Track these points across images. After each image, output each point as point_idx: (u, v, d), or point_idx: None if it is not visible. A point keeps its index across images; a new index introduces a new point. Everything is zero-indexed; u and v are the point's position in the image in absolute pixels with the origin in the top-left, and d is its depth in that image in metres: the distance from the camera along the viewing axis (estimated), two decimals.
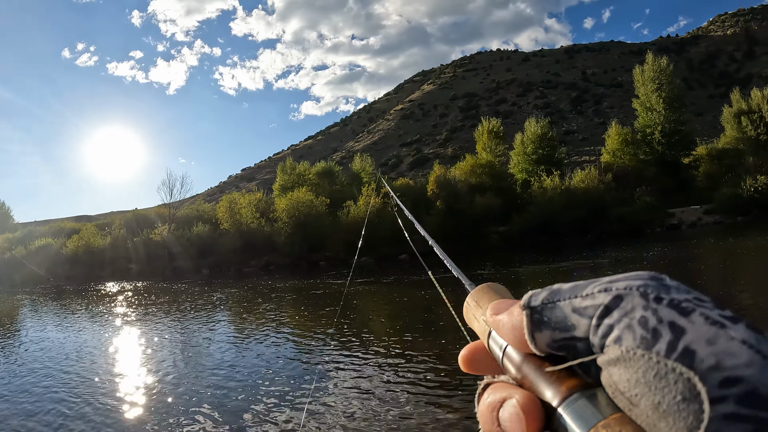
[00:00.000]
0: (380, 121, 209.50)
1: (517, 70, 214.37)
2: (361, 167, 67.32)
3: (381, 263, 39.77)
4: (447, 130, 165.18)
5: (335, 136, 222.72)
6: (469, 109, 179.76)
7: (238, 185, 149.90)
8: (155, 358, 12.48)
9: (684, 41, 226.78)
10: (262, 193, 57.94)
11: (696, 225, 43.54)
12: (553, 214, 43.39)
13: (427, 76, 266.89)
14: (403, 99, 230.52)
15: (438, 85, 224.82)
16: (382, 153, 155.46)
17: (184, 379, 10.38)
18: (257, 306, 21.18)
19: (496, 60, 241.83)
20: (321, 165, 67.47)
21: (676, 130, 56.91)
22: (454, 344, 11.31)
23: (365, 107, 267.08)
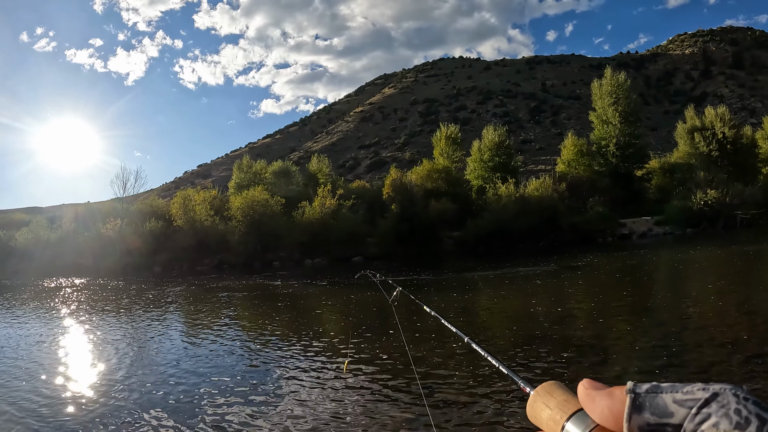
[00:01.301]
0: (339, 122, 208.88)
1: (478, 78, 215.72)
2: (318, 168, 66.81)
3: (334, 264, 39.59)
4: (406, 135, 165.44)
5: (294, 135, 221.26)
6: (428, 114, 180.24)
7: (194, 182, 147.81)
8: (104, 357, 12.14)
9: (643, 58, 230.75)
10: (217, 190, 57.14)
11: (646, 235, 44.31)
12: (507, 220, 43.60)
13: (389, 79, 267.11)
14: (363, 101, 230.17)
15: (399, 89, 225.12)
16: (340, 154, 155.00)
17: (133, 378, 10.10)
18: (209, 305, 20.81)
19: (458, 67, 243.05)
20: (278, 164, 66.84)
21: (631, 143, 57.81)
22: (408, 344, 11.18)
23: (325, 108, 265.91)
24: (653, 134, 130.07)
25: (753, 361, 8.39)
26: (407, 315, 15.48)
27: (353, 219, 47.02)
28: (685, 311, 13.13)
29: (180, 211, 50.45)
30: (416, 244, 43.97)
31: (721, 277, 19.54)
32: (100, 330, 15.95)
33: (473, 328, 13.24)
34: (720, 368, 8.28)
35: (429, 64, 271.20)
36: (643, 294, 17.01)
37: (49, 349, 13.03)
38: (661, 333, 10.80)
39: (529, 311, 14.86)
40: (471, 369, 9.19)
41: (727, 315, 12.14)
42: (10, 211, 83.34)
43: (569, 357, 9.54)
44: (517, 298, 17.70)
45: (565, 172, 56.45)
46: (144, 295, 25.51)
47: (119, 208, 54.14)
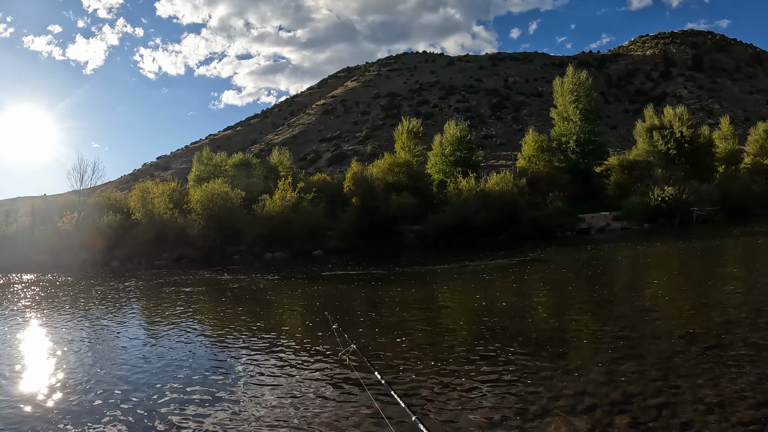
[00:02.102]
0: (301, 115, 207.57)
1: (441, 73, 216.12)
2: (279, 161, 66.18)
3: (295, 258, 39.38)
4: (367, 128, 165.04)
5: (255, 127, 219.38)
6: (390, 108, 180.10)
7: (153, 174, 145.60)
8: (60, 356, 11.84)
9: (605, 58, 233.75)
10: (176, 183, 56.35)
11: (605, 230, 44.90)
12: (467, 215, 43.70)
13: (352, 73, 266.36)
14: (325, 94, 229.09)
15: (362, 83, 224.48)
16: (301, 147, 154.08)
17: (90, 377, 9.86)
18: (168, 301, 20.44)
19: (422, 62, 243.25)
20: (238, 156, 66.20)
21: (591, 140, 58.45)
22: (370, 338, 11.16)
23: (287, 100, 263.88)
24: (613, 132, 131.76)
25: (709, 353, 8.53)
26: (369, 309, 15.36)
27: (314, 212, 46.72)
28: (643, 304, 13.26)
29: (138, 204, 49.50)
30: (377, 238, 43.85)
31: (677, 272, 19.83)
32: (56, 327, 15.54)
33: (434, 321, 13.26)
34: (678, 359, 8.36)
35: (392, 58, 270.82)
36: (601, 287, 17.15)
37: (2, 348, 12.61)
38: (619, 325, 10.92)
39: (489, 304, 14.86)
40: (433, 362, 9.20)
41: (684, 308, 12.29)
42: None
43: (530, 349, 9.63)
44: (478, 291, 17.70)
45: (526, 168, 56.91)
46: (102, 291, 24.97)
47: (76, 201, 52.95)
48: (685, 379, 7.34)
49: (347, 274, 26.41)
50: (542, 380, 7.70)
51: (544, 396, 7.05)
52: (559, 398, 6.93)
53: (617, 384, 7.30)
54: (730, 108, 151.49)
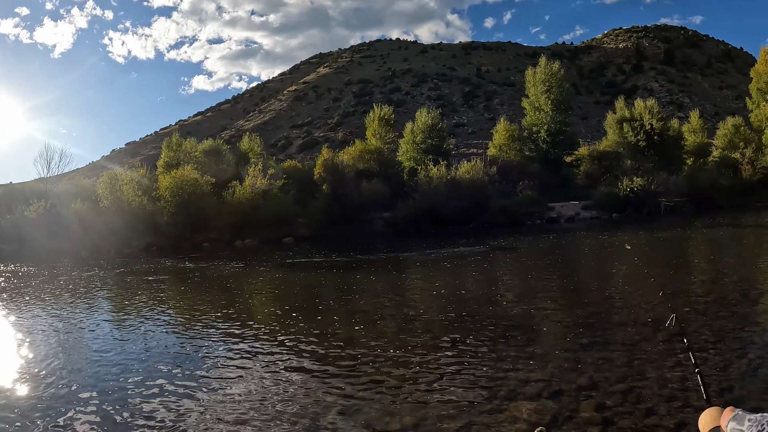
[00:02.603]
0: (272, 101, 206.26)
1: (413, 61, 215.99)
2: (250, 147, 65.76)
3: (265, 245, 39.19)
4: (339, 115, 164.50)
5: (225, 113, 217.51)
6: (362, 95, 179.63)
7: (122, 160, 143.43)
8: (27, 348, 11.58)
9: (578, 49, 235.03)
10: (145, 169, 55.71)
11: (574, 219, 45.32)
12: (437, 202, 43.81)
13: (324, 59, 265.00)
14: (297, 80, 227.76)
15: (334, 69, 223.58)
16: (272, 133, 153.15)
17: (58, 369, 9.65)
18: (136, 289, 20.21)
19: (395, 49, 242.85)
20: (208, 143, 65.50)
21: (561, 130, 58.95)
22: (338, 326, 11.12)
23: (258, 86, 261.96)
24: (584, 123, 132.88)
25: (675, 339, 8.58)
26: (337, 296, 15.30)
27: (284, 199, 46.49)
28: (610, 292, 13.43)
29: (107, 192, 48.76)
30: (347, 225, 43.83)
31: (644, 260, 20.03)
32: (22, 319, 15.23)
33: (402, 308, 13.28)
34: (644, 345, 8.45)
35: (365, 44, 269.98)
36: (569, 275, 17.32)
37: None
38: (586, 312, 11.04)
39: (458, 292, 14.91)
40: (400, 349, 9.20)
41: (650, 296, 12.38)
42: None
43: (497, 336, 9.71)
44: (446, 278, 17.75)
45: (496, 156, 57.24)
46: (69, 281, 24.58)
47: (43, 189, 52.10)
48: (650, 365, 7.42)
49: (316, 261, 26.39)
50: (509, 366, 7.76)
51: (512, 382, 7.10)
52: (526, 384, 6.98)
53: (583, 370, 7.37)
54: (700, 102, 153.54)
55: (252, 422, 6.42)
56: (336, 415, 6.44)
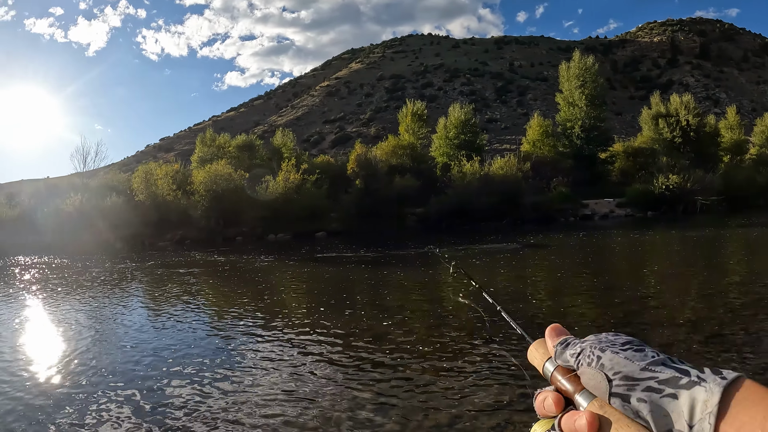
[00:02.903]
0: (305, 96, 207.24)
1: (446, 56, 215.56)
2: (283, 142, 66.18)
3: (297, 240, 39.37)
4: (371, 110, 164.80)
5: (258, 109, 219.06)
6: (395, 90, 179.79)
7: (156, 155, 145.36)
8: (63, 336, 11.81)
9: (611, 43, 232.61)
10: (180, 164, 56.31)
11: (608, 216, 44.87)
12: (470, 198, 43.70)
13: (356, 54, 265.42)
14: (329, 76, 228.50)
15: (366, 65, 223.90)
16: (304, 129, 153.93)
17: (92, 358, 9.78)
18: (170, 282, 20.45)
19: (426, 44, 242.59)
20: (242, 138, 66.11)
21: (595, 126, 58.42)
22: (369, 321, 11.10)
23: (291, 82, 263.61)
24: (618, 118, 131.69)
25: (711, 342, 8.47)
26: (370, 291, 15.31)
27: (317, 194, 46.77)
28: (646, 291, 13.21)
29: (141, 186, 49.64)
30: (379, 220, 43.87)
31: (680, 260, 19.74)
32: (59, 308, 15.51)
33: (435, 304, 13.25)
34: (680, 347, 8.31)
35: (397, 40, 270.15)
36: (603, 273, 17.10)
37: (5, 330, 12.59)
38: (622, 311, 10.85)
39: (490, 289, 14.71)
40: (436, 344, 9.15)
41: (686, 296, 12.21)
42: None
43: (533, 333, 9.35)
44: (479, 275, 17.61)
45: (530, 152, 56.84)
46: (104, 272, 24.97)
47: (79, 183, 52.95)
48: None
49: (347, 256, 26.40)
50: None
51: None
52: None
53: None
54: (737, 98, 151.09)
55: (282, 416, 6.44)
56: (369, 412, 6.41)
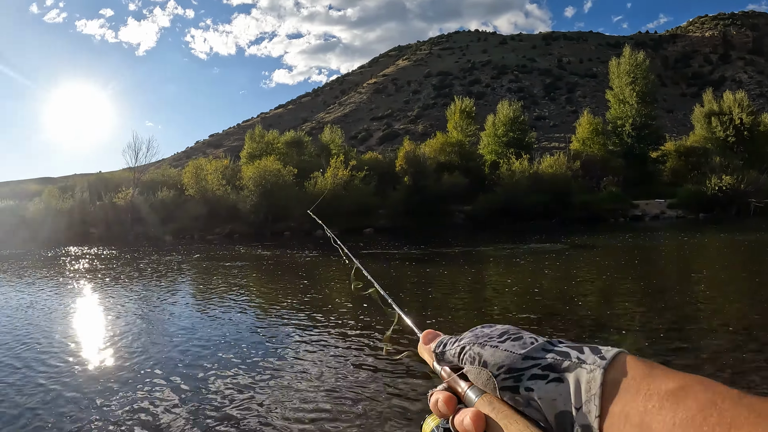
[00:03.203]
0: (352, 93, 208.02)
1: (493, 53, 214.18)
2: (331, 139, 66.66)
3: (345, 236, 39.58)
4: (419, 107, 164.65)
5: (306, 106, 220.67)
6: (442, 87, 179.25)
7: (206, 151, 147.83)
8: (112, 325, 12.12)
9: (662, 38, 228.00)
10: (229, 160, 57.20)
11: (658, 217, 44.12)
12: (518, 196, 43.53)
13: (403, 51, 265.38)
14: (376, 73, 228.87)
15: (413, 62, 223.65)
16: (352, 126, 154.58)
17: (140, 346, 10.05)
18: (219, 275, 20.84)
19: (473, 41, 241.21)
20: (290, 134, 66.81)
21: (647, 124, 57.44)
22: (415, 317, 11.09)
23: (338, 79, 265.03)
24: (669, 116, 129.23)
25: (766, 349, 8.29)
26: (417, 288, 15.43)
27: (365, 190, 47.08)
28: (698, 296, 12.98)
29: (192, 181, 50.70)
30: (427, 217, 43.99)
31: (733, 264, 19.38)
32: (109, 298, 15.97)
33: (483, 303, 13.20)
34: (733, 355, 8.16)
35: (444, 36, 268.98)
36: (654, 276, 16.84)
37: (58, 317, 13.02)
38: (673, 316, 10.66)
39: (538, 288, 14.76)
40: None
41: (741, 302, 11.99)
42: (23, 182, 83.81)
43: (581, 336, 9.43)
44: (527, 274, 17.59)
45: (580, 150, 56.10)
46: (154, 264, 25.58)
47: (131, 177, 54.21)
48: (740, 376, 7.18)
49: (394, 253, 26.50)
50: None
51: None
52: None
53: None
54: None
55: (326, 411, 6.53)
56: (414, 413, 6.47)
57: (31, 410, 6.68)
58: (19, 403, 6.94)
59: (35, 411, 6.66)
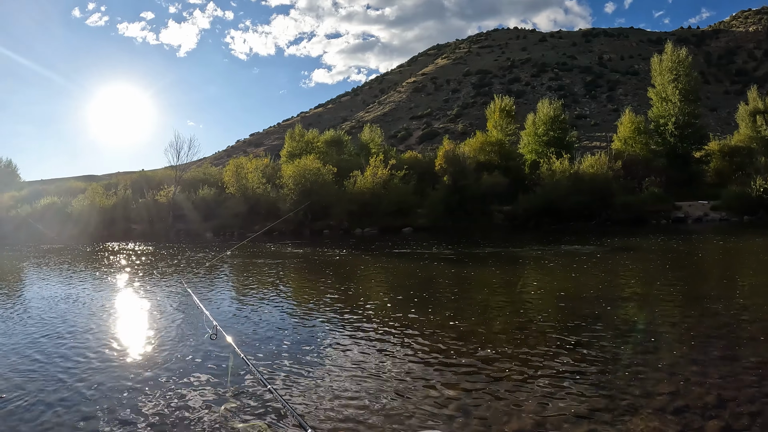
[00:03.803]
0: (392, 92, 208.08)
1: (532, 50, 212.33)
2: (370, 138, 66.96)
3: (384, 235, 39.87)
4: (458, 106, 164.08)
5: (345, 105, 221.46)
6: (481, 86, 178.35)
7: (246, 150, 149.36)
8: (154, 318, 12.53)
9: (704, 34, 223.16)
10: (269, 158, 57.90)
11: (702, 220, 43.29)
12: (559, 197, 43.26)
13: (442, 50, 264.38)
14: (415, 72, 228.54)
15: (452, 60, 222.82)
16: (391, 125, 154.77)
17: (180, 340, 10.37)
18: (258, 271, 21.25)
19: (512, 38, 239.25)
20: (330, 133, 67.35)
21: (690, 123, 56.39)
22: (453, 319, 11.22)
23: (377, 78, 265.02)
24: (712, 115, 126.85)
25: None
26: (455, 288, 15.47)
27: (404, 189, 47.32)
28: (741, 303, 12.70)
29: (232, 179, 51.53)
30: (466, 217, 44.02)
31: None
32: (151, 292, 16.42)
33: (521, 305, 13.19)
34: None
35: (483, 34, 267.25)
36: (697, 281, 16.59)
37: (96, 312, 13.39)
38: (715, 323, 10.52)
39: (578, 291, 14.70)
40: (521, 347, 9.13)
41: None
42: (67, 179, 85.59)
43: (620, 342, 9.41)
44: (567, 277, 17.52)
45: (621, 150, 55.35)
46: (195, 260, 26.13)
47: (173, 175, 55.22)
48: None
49: (433, 252, 26.59)
50: (633, 375, 7.57)
51: (635, 392, 6.93)
52: (649, 396, 6.79)
53: (711, 386, 7.05)
54: None
55: (363, 409, 6.59)
56: (453, 411, 6.53)
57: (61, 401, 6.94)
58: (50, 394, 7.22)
59: (65, 402, 6.92)
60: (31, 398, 7.27)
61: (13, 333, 11.31)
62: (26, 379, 8.13)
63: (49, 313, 13.25)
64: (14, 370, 8.63)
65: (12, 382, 8.01)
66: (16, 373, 8.46)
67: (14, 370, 8.68)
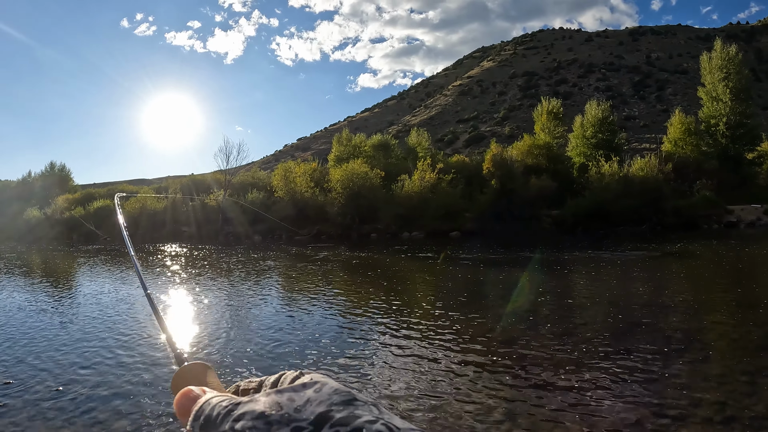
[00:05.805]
0: (438, 96, 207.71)
1: (578, 50, 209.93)
2: (417, 142, 67.07)
3: (431, 238, 39.99)
4: (505, 109, 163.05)
5: (392, 109, 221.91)
6: (528, 88, 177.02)
7: (294, 154, 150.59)
8: (202, 318, 12.98)
9: (754, 29, 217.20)
10: (317, 162, 58.46)
11: (755, 224, 42.07)
12: (608, 201, 42.77)
13: (487, 52, 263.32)
14: (461, 75, 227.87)
15: (497, 63, 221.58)
16: (438, 128, 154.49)
17: (231, 339, 10.76)
18: (306, 274, 21.63)
19: (558, 39, 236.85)
20: (377, 138, 67.64)
21: (742, 123, 55.09)
22: (499, 324, 11.35)
23: (423, 82, 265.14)
24: (765, 114, 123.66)
25: None
26: (500, 293, 15.60)
27: (452, 193, 47.39)
28: None
29: (281, 183, 52.28)
30: (514, 221, 43.88)
31: None
32: (200, 293, 16.93)
33: (568, 311, 13.18)
34: None
35: (528, 36, 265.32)
36: (749, 289, 16.25)
37: (148, 311, 13.89)
38: (765, 332, 10.48)
39: (626, 298, 14.64)
40: (569, 353, 9.21)
41: None
42: (119, 183, 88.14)
43: (670, 350, 9.38)
44: (615, 283, 17.45)
45: (672, 152, 54.34)
46: (244, 262, 26.70)
47: (222, 179, 56.24)
48: None
49: (480, 257, 26.63)
50: (681, 384, 7.57)
51: (683, 401, 6.93)
52: (698, 405, 6.80)
53: (760, 397, 7.03)
54: None
55: (407, 412, 6.74)
56: (499, 416, 6.65)
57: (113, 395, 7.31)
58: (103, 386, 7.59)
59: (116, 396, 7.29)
60: (107, 388, 7.65)
61: (80, 330, 11.57)
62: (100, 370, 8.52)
63: (102, 311, 13.75)
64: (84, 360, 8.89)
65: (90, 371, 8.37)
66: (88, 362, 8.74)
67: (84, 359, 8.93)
